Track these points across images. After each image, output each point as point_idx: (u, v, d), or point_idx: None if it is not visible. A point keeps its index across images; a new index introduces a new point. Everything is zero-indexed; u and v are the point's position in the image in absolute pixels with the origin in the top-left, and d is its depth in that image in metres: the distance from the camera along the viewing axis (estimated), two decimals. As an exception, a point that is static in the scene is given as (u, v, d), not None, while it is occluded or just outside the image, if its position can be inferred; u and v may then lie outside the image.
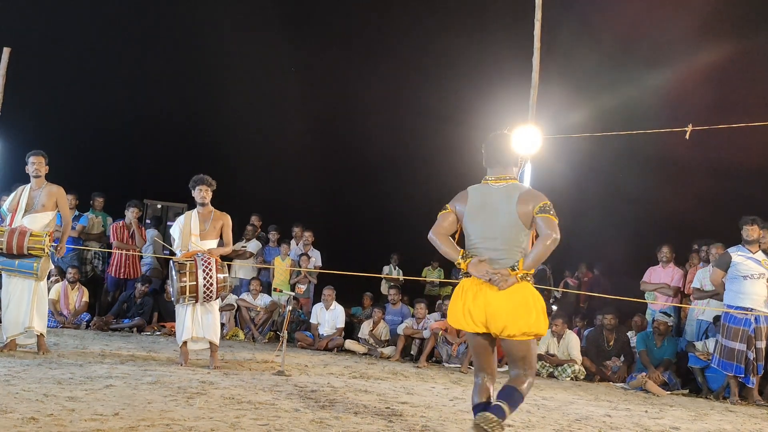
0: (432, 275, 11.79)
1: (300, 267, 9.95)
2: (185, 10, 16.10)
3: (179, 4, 16.21)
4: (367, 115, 17.21)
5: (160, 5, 16.22)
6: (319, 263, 10.21)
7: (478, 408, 3.62)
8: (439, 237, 3.84)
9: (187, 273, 6.13)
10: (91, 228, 9.97)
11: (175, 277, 6.14)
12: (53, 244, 6.45)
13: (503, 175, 3.80)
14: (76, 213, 9.74)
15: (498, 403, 3.51)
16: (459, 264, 3.74)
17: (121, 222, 9.80)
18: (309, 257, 10.02)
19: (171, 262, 6.39)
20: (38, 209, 6.36)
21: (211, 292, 6.19)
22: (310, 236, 10.30)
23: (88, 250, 9.87)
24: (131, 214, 9.74)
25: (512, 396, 3.56)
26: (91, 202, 10.22)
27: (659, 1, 13.13)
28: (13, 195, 6.50)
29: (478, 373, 3.77)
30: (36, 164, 6.42)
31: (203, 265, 6.16)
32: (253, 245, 10.31)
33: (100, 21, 15.92)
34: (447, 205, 3.86)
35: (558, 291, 10.37)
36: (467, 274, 3.73)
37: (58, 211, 6.54)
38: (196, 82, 17.12)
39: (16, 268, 6.24)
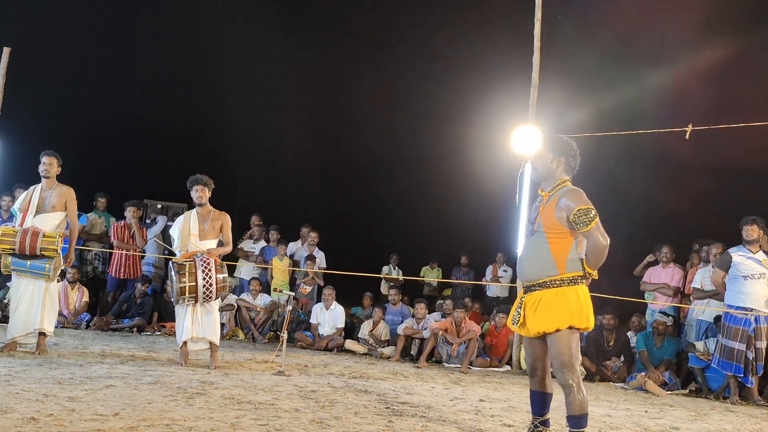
0: (430, 275, 11.79)
1: (304, 269, 9.93)
2: (185, 10, 16.09)
3: (180, 4, 16.20)
4: (367, 114, 17.22)
5: (161, 5, 16.21)
6: (324, 264, 10.20)
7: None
8: None
9: (187, 273, 6.12)
10: (93, 228, 9.97)
11: (174, 278, 6.13)
12: (64, 245, 6.46)
13: None
14: (78, 212, 9.74)
15: None
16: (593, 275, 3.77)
17: (122, 222, 9.80)
18: (315, 258, 10.00)
19: (170, 262, 6.39)
20: (48, 210, 6.37)
21: (210, 292, 6.19)
22: (315, 237, 10.29)
23: (89, 250, 9.87)
24: (130, 213, 9.74)
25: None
26: (94, 202, 10.22)
27: (659, 1, 13.13)
28: (24, 194, 6.51)
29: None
30: (47, 165, 6.43)
31: (202, 265, 6.15)
32: (262, 246, 10.31)
33: (100, 21, 15.92)
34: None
35: None
36: (583, 279, 3.76)
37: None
38: (196, 82, 17.12)
39: (27, 268, 6.24)
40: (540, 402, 3.90)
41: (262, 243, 10.37)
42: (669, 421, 5.43)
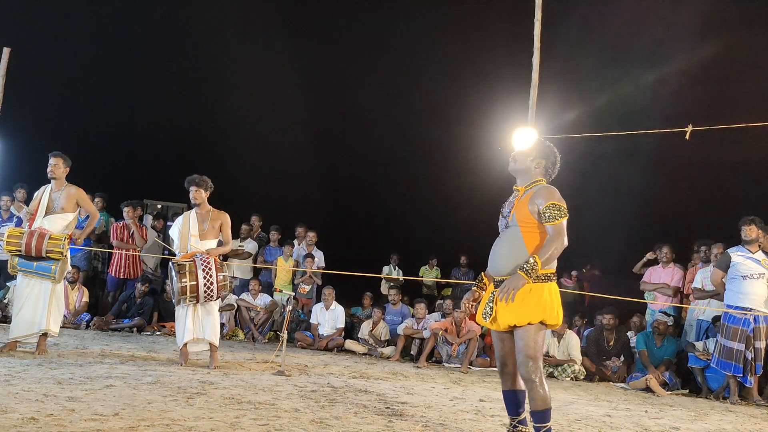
0: (429, 275, 11.81)
1: (303, 267, 9.95)
2: (185, 10, 16.10)
3: (179, 4, 16.21)
4: (367, 114, 17.22)
5: (160, 5, 16.22)
6: (323, 263, 10.21)
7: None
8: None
9: (187, 273, 6.13)
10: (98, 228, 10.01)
11: (175, 278, 6.14)
12: (73, 240, 6.51)
13: None
14: None
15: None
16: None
17: (122, 222, 9.81)
18: (313, 258, 10.02)
19: (170, 263, 6.40)
20: (58, 211, 6.39)
21: (211, 291, 6.19)
22: (313, 236, 10.31)
23: (90, 250, 9.88)
24: (126, 214, 9.75)
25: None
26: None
27: (659, 1, 13.13)
28: (35, 195, 6.52)
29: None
30: (52, 166, 6.44)
31: (203, 264, 6.16)
32: (250, 245, 10.31)
33: (100, 21, 15.92)
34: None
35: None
36: (555, 276, 3.79)
37: (80, 214, 6.60)
38: (196, 82, 17.12)
39: (34, 270, 6.25)
40: (514, 401, 3.92)
41: (251, 242, 10.35)
42: (669, 421, 5.43)
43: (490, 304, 3.85)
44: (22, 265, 6.26)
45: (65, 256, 6.30)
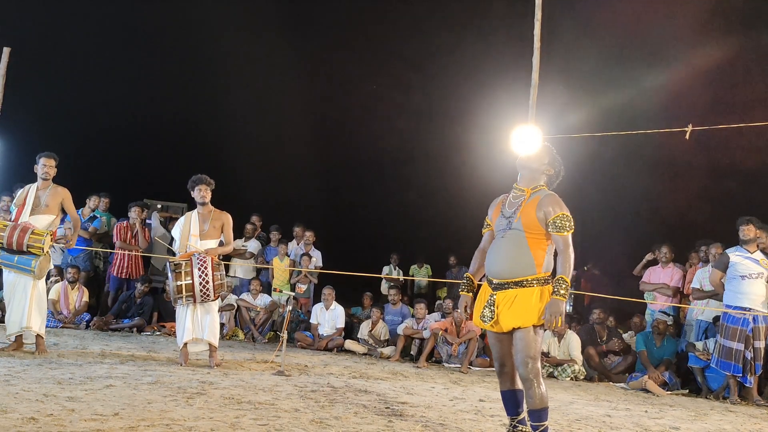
0: (419, 274, 11.83)
1: (300, 267, 9.97)
2: (185, 10, 16.08)
3: (179, 4, 16.20)
4: (367, 114, 17.21)
5: (161, 5, 16.21)
6: (320, 263, 10.23)
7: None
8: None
9: (183, 273, 6.14)
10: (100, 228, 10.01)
11: (171, 277, 6.16)
12: (61, 242, 6.49)
13: None
14: (92, 215, 9.78)
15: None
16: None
17: (125, 222, 9.81)
18: (310, 257, 10.04)
19: (167, 262, 6.42)
20: (43, 210, 6.40)
21: (207, 290, 6.19)
22: (311, 236, 10.34)
23: (92, 250, 9.88)
24: (134, 213, 9.76)
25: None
26: (97, 203, 10.24)
27: (659, 1, 13.13)
28: (20, 191, 6.53)
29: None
30: (46, 167, 6.46)
31: (199, 263, 6.17)
32: (253, 245, 10.33)
33: (100, 21, 15.90)
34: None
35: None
36: (547, 281, 3.85)
37: (65, 214, 6.60)
38: (196, 82, 17.10)
39: (15, 263, 6.24)
40: (513, 400, 3.95)
41: (254, 242, 10.36)
42: (669, 421, 5.43)
43: (491, 308, 3.84)
44: (3, 257, 6.24)
45: (46, 253, 6.27)
